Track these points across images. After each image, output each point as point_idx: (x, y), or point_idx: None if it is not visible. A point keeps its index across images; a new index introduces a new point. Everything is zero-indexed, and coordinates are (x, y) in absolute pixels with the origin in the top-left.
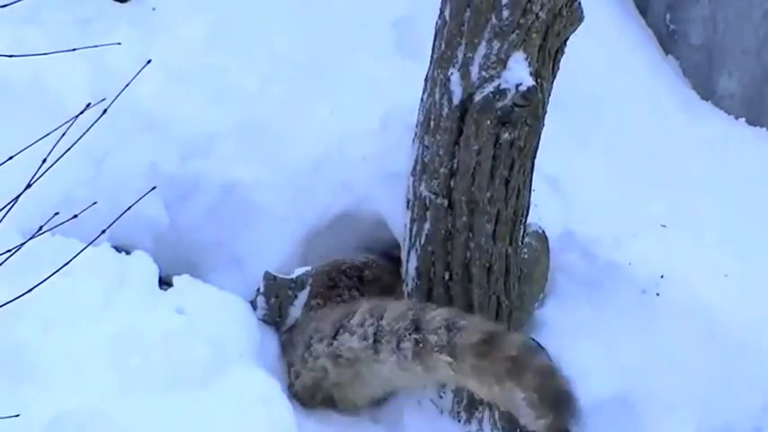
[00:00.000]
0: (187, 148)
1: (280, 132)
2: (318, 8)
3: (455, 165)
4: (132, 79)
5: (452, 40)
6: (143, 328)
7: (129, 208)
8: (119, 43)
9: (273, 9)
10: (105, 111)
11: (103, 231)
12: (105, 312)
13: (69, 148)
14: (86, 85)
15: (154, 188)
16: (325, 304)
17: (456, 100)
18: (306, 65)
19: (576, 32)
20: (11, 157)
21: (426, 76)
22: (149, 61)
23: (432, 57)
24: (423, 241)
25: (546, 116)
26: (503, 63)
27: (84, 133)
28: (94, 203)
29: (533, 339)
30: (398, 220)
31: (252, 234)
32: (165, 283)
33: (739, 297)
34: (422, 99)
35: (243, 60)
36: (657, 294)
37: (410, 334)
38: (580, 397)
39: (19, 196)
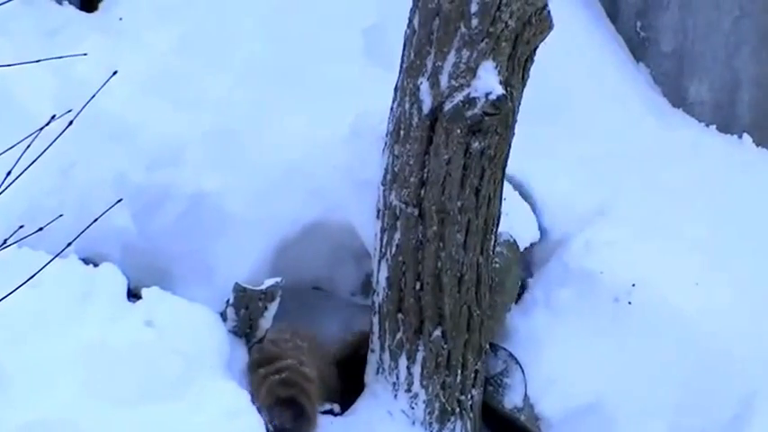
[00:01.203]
0: (156, 158)
1: (249, 141)
2: (288, 16)
3: (425, 174)
4: (98, 90)
5: (422, 49)
6: (111, 340)
7: (95, 221)
8: (85, 54)
9: (242, 18)
10: (71, 122)
11: (69, 244)
12: (73, 324)
13: (35, 160)
14: (53, 95)
15: (120, 200)
16: None
17: (426, 109)
18: (275, 73)
19: (545, 40)
20: None
21: (396, 85)
22: (115, 72)
23: (401, 66)
24: (393, 251)
25: (516, 124)
26: (472, 72)
27: (50, 144)
28: (60, 216)
29: (505, 349)
30: (369, 230)
31: (222, 243)
32: (133, 294)
33: (710, 305)
34: (392, 108)
35: (211, 69)
36: (629, 303)
37: None
38: None
39: None
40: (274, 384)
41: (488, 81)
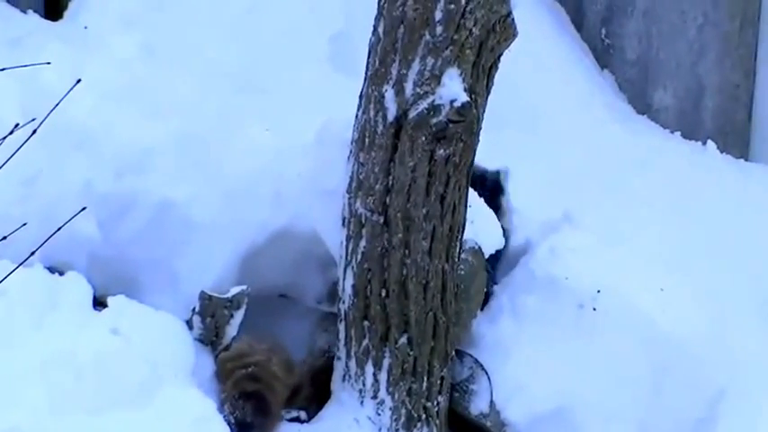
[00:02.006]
0: (121, 166)
1: (215, 149)
2: (254, 23)
3: (390, 182)
4: (62, 98)
5: (386, 56)
6: (76, 349)
7: (59, 229)
8: (48, 62)
9: (208, 25)
10: (35, 131)
11: (33, 253)
12: (38, 333)
13: None
14: (17, 104)
15: (84, 209)
16: None
17: (391, 117)
18: (241, 80)
19: (510, 48)
20: None
21: (361, 92)
22: (79, 80)
23: (366, 73)
24: (359, 258)
25: (481, 132)
26: (437, 79)
27: (14, 153)
28: (25, 224)
29: (471, 356)
30: (335, 238)
31: (187, 252)
32: (100, 303)
33: (675, 310)
34: (357, 116)
35: (177, 77)
36: (594, 309)
37: None
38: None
39: None
40: (241, 378)
41: (453, 88)
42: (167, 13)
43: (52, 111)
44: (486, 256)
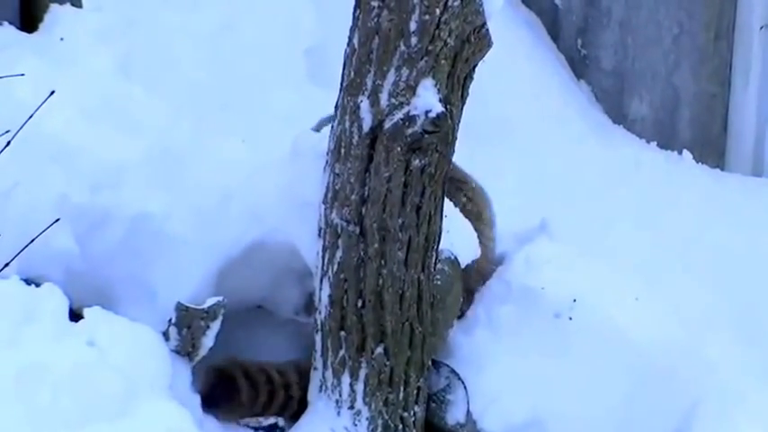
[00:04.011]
0: (97, 180)
1: (191, 162)
2: (229, 37)
3: (366, 192)
4: (36, 110)
5: (361, 67)
6: (52, 361)
7: (33, 240)
8: (22, 74)
9: (183, 39)
10: (9, 143)
11: (7, 264)
12: (13, 346)
13: None
14: None
15: (58, 220)
16: None
17: (366, 127)
18: (216, 94)
19: (486, 58)
20: None
21: (336, 103)
22: (53, 92)
23: (341, 84)
24: (335, 269)
25: (456, 142)
26: (412, 90)
27: None
28: None
29: (448, 366)
30: (311, 249)
31: (164, 265)
32: (76, 315)
33: (651, 320)
34: (332, 127)
35: (152, 90)
36: (570, 318)
37: None
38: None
39: None
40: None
41: (428, 99)
42: (143, 29)
43: (26, 122)
44: (463, 266)
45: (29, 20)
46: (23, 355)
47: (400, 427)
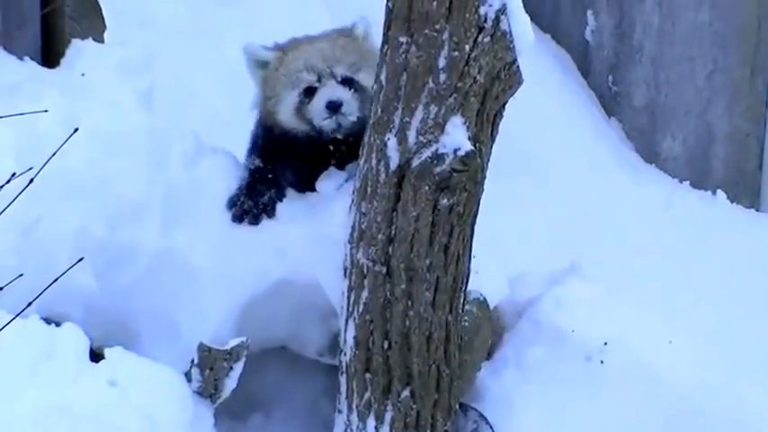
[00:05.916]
0: (118, 215)
1: (212, 198)
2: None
3: (393, 231)
4: (60, 147)
5: (389, 104)
6: (73, 401)
7: (56, 281)
8: (46, 110)
9: (203, 74)
10: (32, 180)
11: (29, 304)
12: (33, 384)
13: None
14: (14, 152)
15: (81, 259)
16: None
17: (393, 165)
18: (238, 127)
19: (516, 95)
20: None
21: (363, 141)
22: (77, 129)
23: (368, 122)
24: (361, 309)
25: (486, 180)
26: (440, 128)
27: (11, 202)
28: (21, 275)
29: (475, 409)
30: (336, 288)
31: (186, 302)
32: (96, 354)
33: (684, 363)
34: (359, 164)
35: (174, 124)
36: (602, 362)
37: None
38: None
39: None
40: None
41: (457, 137)
42: (164, 62)
43: (49, 160)
44: (491, 308)
45: (51, 55)
46: (44, 395)
47: None
